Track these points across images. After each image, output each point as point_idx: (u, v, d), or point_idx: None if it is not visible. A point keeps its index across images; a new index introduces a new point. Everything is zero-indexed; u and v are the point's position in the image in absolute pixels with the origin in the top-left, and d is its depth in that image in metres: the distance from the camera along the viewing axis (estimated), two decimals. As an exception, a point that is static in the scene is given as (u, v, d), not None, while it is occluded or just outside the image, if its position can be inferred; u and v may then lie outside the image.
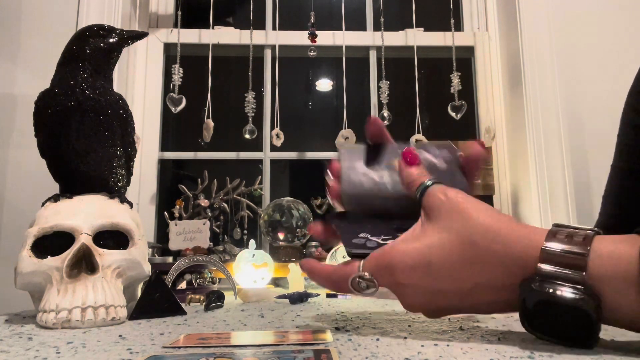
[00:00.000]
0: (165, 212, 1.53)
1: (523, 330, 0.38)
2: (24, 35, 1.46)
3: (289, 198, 1.54)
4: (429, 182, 0.43)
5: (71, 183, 0.70)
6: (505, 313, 0.41)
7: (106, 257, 0.59)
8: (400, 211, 0.45)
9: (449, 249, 0.38)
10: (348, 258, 0.45)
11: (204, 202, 1.55)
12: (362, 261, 0.43)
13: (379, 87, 1.72)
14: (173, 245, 1.39)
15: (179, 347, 0.39)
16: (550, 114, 1.55)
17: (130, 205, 0.71)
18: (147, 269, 0.66)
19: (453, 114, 1.65)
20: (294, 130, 1.76)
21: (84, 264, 0.58)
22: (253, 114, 1.65)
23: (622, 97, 0.64)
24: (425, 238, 0.40)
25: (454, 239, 0.38)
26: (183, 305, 0.68)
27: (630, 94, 0.64)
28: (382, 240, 0.45)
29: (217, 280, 1.17)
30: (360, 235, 0.45)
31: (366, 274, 0.42)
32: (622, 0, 1.64)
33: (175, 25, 1.75)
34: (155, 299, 0.63)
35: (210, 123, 1.61)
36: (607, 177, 0.66)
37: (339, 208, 0.50)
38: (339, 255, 1.12)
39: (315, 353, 0.35)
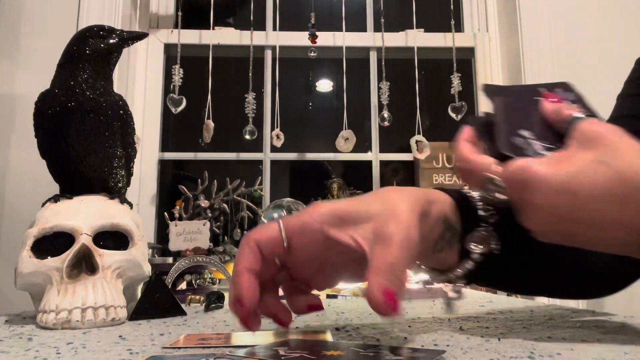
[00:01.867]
0: (166, 213, 1.53)
1: (523, 330, 0.38)
2: (24, 35, 1.46)
3: (289, 199, 1.54)
4: (583, 115, 0.40)
5: (71, 183, 0.70)
6: (624, 254, 0.40)
7: (106, 257, 0.59)
8: None
9: (602, 180, 0.37)
10: None
11: (204, 203, 1.55)
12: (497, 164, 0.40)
13: (379, 88, 1.72)
14: (173, 245, 1.39)
15: (179, 348, 0.39)
16: (551, 115, 1.55)
17: (130, 205, 0.71)
18: (147, 269, 0.65)
19: (453, 115, 1.65)
20: (294, 131, 1.76)
21: (84, 265, 0.58)
22: (253, 115, 1.65)
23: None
24: (577, 162, 0.38)
25: (608, 173, 0.37)
26: (183, 305, 0.68)
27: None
28: (546, 149, 0.41)
29: (217, 281, 1.17)
30: (522, 132, 0.41)
31: (499, 179, 0.40)
32: (622, 0, 1.64)
33: (176, 26, 1.75)
34: (155, 300, 0.63)
35: (210, 124, 1.61)
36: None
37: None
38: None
39: (315, 353, 0.35)
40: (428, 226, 0.42)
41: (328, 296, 0.96)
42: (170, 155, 1.76)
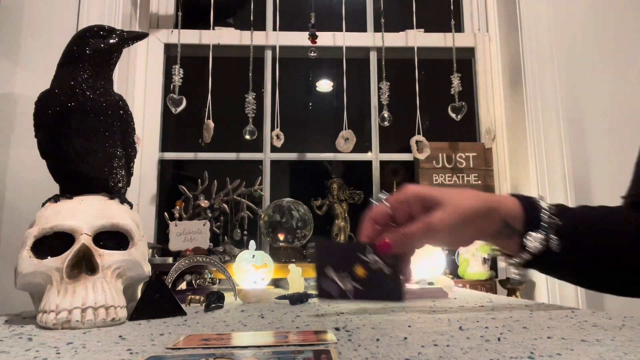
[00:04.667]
0: (165, 213, 1.53)
1: (523, 330, 0.38)
2: (24, 35, 1.46)
3: (289, 199, 1.54)
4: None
5: (71, 183, 0.70)
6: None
7: (106, 257, 0.59)
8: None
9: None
10: None
11: (204, 203, 1.55)
12: None
13: (379, 88, 1.72)
14: (173, 245, 1.39)
15: (179, 348, 0.39)
16: (551, 115, 1.55)
17: (130, 205, 0.71)
18: (147, 269, 0.65)
19: (453, 115, 1.65)
20: (295, 131, 1.76)
21: (84, 265, 0.58)
22: (253, 115, 1.65)
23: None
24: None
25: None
26: (183, 306, 0.68)
27: None
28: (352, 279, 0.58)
29: (217, 281, 1.17)
30: (328, 272, 0.58)
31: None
32: (621, 1, 1.64)
33: (176, 26, 1.75)
34: (155, 300, 0.63)
35: (210, 124, 1.61)
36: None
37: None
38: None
39: (315, 353, 0.35)
40: (489, 221, 0.58)
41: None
42: (170, 155, 1.76)
